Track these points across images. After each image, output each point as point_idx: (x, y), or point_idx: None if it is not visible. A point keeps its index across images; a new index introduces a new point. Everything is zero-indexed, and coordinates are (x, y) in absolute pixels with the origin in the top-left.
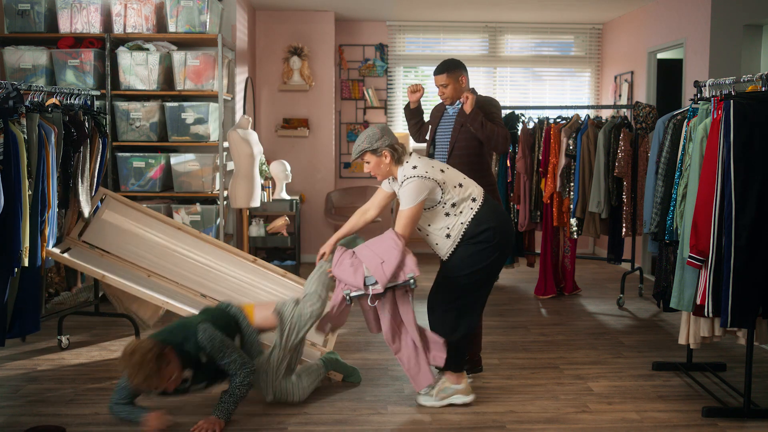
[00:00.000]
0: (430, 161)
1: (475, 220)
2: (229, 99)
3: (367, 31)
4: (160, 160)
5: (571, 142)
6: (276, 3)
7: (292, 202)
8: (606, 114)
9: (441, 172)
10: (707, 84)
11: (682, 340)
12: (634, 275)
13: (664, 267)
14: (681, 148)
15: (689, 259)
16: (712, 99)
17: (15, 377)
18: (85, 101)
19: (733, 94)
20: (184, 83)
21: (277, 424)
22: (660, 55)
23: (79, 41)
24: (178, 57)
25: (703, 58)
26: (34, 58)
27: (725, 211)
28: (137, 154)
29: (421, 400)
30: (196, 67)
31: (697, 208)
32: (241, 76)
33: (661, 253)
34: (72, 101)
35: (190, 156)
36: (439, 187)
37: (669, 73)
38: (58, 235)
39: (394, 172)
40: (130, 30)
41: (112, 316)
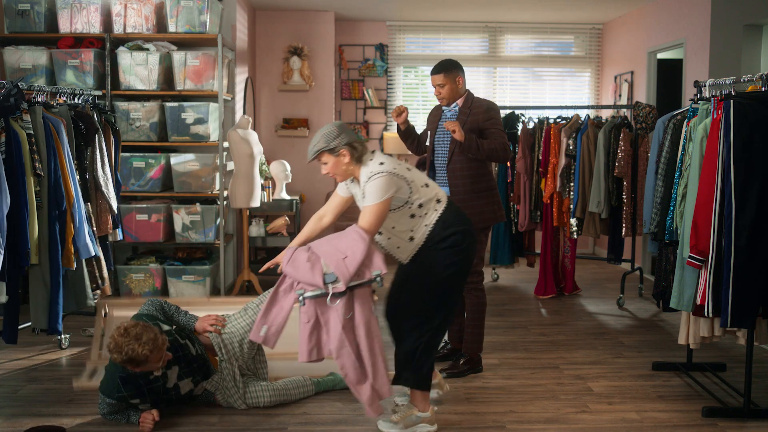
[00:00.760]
0: (396, 160)
1: (440, 222)
2: (229, 99)
3: (367, 31)
4: (160, 160)
5: (571, 142)
6: (276, 3)
7: (292, 202)
8: (606, 114)
9: (408, 171)
10: (707, 84)
11: (682, 340)
12: (634, 275)
13: (664, 267)
14: (681, 148)
15: (689, 259)
16: (712, 99)
17: (15, 377)
18: (90, 99)
19: (733, 94)
20: (184, 83)
21: (278, 424)
22: (660, 55)
23: (79, 41)
24: (178, 57)
25: (703, 58)
26: (34, 58)
27: (725, 211)
28: (137, 154)
29: (381, 426)
30: (196, 67)
31: (697, 208)
32: (241, 76)
33: (661, 253)
34: (75, 101)
35: (190, 156)
36: (407, 185)
37: (669, 73)
38: (93, 229)
39: (355, 172)
40: (130, 30)
41: None
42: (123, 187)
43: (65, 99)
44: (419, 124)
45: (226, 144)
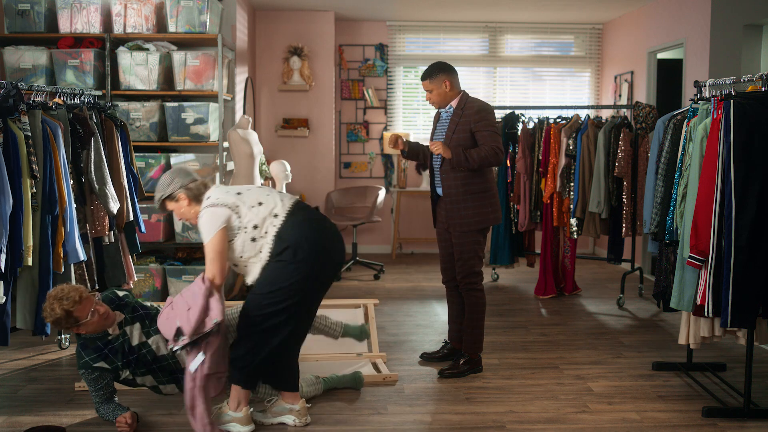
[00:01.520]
0: (227, 187)
1: (276, 237)
2: (229, 99)
3: (367, 31)
4: (160, 160)
5: (571, 142)
6: (276, 3)
7: None
8: (606, 114)
9: (236, 195)
10: (707, 84)
11: (682, 340)
12: (634, 275)
13: (664, 267)
14: (681, 148)
15: (689, 259)
16: (712, 99)
17: (15, 377)
18: (90, 99)
19: (733, 94)
20: (184, 83)
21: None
22: (660, 55)
23: (79, 41)
24: (178, 57)
25: (703, 58)
26: (34, 58)
27: (725, 211)
28: (137, 154)
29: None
30: (196, 67)
31: (697, 208)
32: (241, 76)
33: (661, 253)
34: (75, 101)
35: (190, 156)
36: (233, 213)
37: (669, 73)
38: (83, 232)
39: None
40: (130, 30)
41: None
42: None
43: (64, 99)
44: (419, 123)
45: (226, 144)
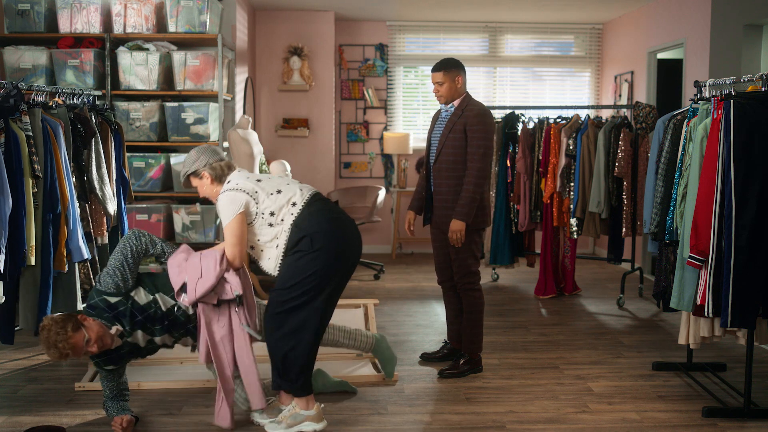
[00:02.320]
0: (248, 173)
1: (294, 226)
2: (229, 99)
3: (367, 31)
4: (160, 160)
5: (571, 142)
6: (276, 3)
7: None
8: (606, 114)
9: (257, 182)
10: (707, 84)
11: (682, 340)
12: (634, 275)
13: (664, 267)
14: (681, 148)
15: (689, 259)
16: (712, 99)
17: (15, 377)
18: (88, 100)
19: (733, 94)
20: (184, 83)
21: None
22: (660, 55)
23: (79, 41)
24: (178, 57)
25: (703, 58)
26: (33, 58)
27: (725, 211)
28: (137, 154)
29: (268, 429)
30: (196, 67)
31: (697, 208)
32: (241, 76)
33: (661, 253)
34: (75, 101)
35: None
36: (251, 198)
37: (669, 73)
38: (87, 231)
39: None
40: (130, 30)
41: None
42: None
43: (64, 99)
44: (419, 123)
45: (226, 144)
